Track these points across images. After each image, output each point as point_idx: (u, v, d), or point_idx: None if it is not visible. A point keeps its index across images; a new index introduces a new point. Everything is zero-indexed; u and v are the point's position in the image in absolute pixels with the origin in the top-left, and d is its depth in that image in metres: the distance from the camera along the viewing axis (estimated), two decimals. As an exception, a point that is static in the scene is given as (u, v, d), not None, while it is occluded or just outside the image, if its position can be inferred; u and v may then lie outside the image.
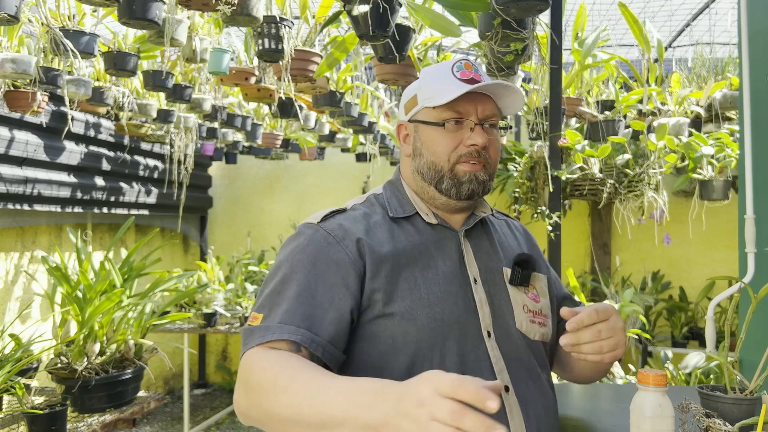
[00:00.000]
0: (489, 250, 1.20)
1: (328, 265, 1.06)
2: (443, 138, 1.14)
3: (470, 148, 1.13)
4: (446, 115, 1.14)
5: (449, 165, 1.14)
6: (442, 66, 1.16)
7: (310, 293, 1.03)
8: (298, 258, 1.08)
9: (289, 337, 0.97)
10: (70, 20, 2.44)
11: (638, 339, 3.96)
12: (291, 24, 2.36)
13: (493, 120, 1.16)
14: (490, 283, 1.15)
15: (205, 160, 5.70)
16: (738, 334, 1.38)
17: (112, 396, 2.31)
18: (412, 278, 1.08)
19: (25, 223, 3.69)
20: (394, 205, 1.19)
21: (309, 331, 0.99)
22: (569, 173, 3.62)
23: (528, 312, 1.16)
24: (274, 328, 0.99)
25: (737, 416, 1.19)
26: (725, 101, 3.60)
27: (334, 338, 1.02)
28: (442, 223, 1.18)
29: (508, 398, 1.07)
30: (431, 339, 1.05)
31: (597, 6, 3.79)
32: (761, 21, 1.91)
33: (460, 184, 1.14)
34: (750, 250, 1.91)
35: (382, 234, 1.12)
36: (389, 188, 1.24)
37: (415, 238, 1.14)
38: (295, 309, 1.01)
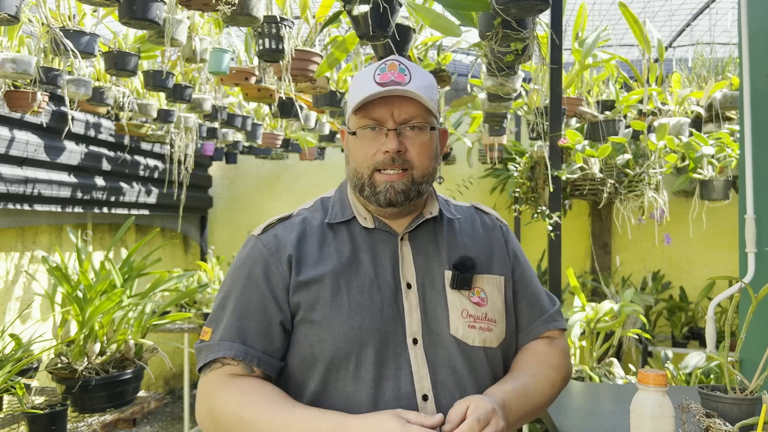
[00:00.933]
0: (432, 252, 1.17)
1: (261, 278, 1.13)
2: (360, 146, 1.14)
3: (385, 155, 1.11)
4: (362, 123, 1.13)
5: (368, 173, 1.13)
6: (368, 68, 1.15)
7: (245, 307, 1.11)
8: (238, 273, 1.16)
9: (225, 354, 1.07)
10: (70, 20, 2.44)
11: (638, 339, 3.96)
12: (291, 24, 2.36)
13: (415, 121, 1.12)
14: (427, 287, 1.14)
15: (205, 160, 5.70)
16: (738, 334, 1.38)
17: (112, 396, 2.31)
18: (336, 286, 1.11)
19: (26, 223, 3.69)
20: (336, 210, 1.21)
21: (243, 345, 1.09)
22: (569, 173, 3.62)
23: (468, 317, 1.13)
24: (214, 346, 1.10)
25: (737, 416, 1.19)
26: (725, 101, 3.60)
27: (267, 348, 1.10)
28: (380, 227, 1.17)
29: (425, 407, 1.06)
30: (346, 347, 1.07)
31: (597, 6, 3.79)
32: (761, 21, 1.91)
33: (377, 193, 1.13)
34: (750, 250, 1.92)
35: (312, 244, 1.15)
36: (338, 191, 1.26)
37: (345, 246, 1.15)
38: (232, 324, 1.11)
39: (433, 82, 1.17)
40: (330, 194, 1.27)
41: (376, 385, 1.06)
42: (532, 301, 1.26)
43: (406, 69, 1.13)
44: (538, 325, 1.25)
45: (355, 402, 1.06)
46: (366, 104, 1.11)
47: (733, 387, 1.26)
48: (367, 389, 1.06)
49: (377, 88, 1.09)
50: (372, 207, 1.17)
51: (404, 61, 1.14)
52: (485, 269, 1.20)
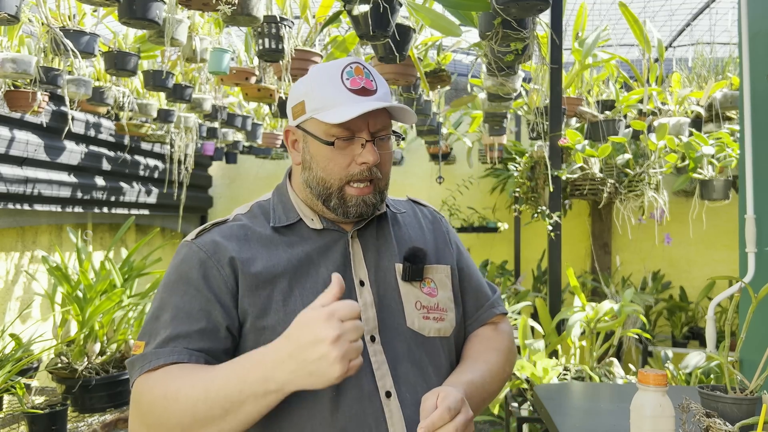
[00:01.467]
0: (382, 247, 1.16)
1: (201, 282, 1.05)
2: (334, 156, 1.08)
3: (362, 167, 1.08)
4: (335, 132, 1.07)
5: (339, 184, 1.09)
6: (330, 69, 1.09)
7: (186, 313, 1.03)
8: (173, 279, 1.08)
9: (166, 361, 0.98)
10: (70, 20, 2.44)
11: (638, 339, 3.96)
12: (291, 24, 2.36)
13: (384, 132, 1.11)
14: (380, 283, 1.12)
15: (205, 160, 5.70)
16: (738, 334, 1.38)
17: (112, 396, 2.31)
18: (288, 290, 1.06)
19: (26, 222, 3.69)
20: (279, 213, 1.15)
21: (186, 349, 1.00)
22: (569, 173, 3.62)
23: (421, 308, 1.13)
24: (150, 355, 1.00)
25: (737, 416, 1.19)
26: (725, 101, 3.60)
27: (212, 351, 1.02)
28: (329, 227, 1.14)
29: (389, 404, 1.04)
30: None
31: (597, 6, 3.79)
32: (761, 21, 1.91)
33: (347, 206, 1.10)
34: (750, 250, 1.92)
35: (257, 248, 1.09)
36: (276, 195, 1.21)
37: (295, 248, 1.10)
38: (171, 332, 1.01)
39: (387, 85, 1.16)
40: (265, 198, 1.21)
41: (335, 387, 1.01)
42: (476, 289, 1.27)
43: (371, 74, 1.11)
44: (484, 311, 1.27)
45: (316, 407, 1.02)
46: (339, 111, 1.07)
47: (733, 387, 1.26)
48: (328, 391, 1.02)
49: (354, 97, 1.06)
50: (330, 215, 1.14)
51: (365, 64, 1.11)
52: (433, 260, 1.20)
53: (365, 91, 1.08)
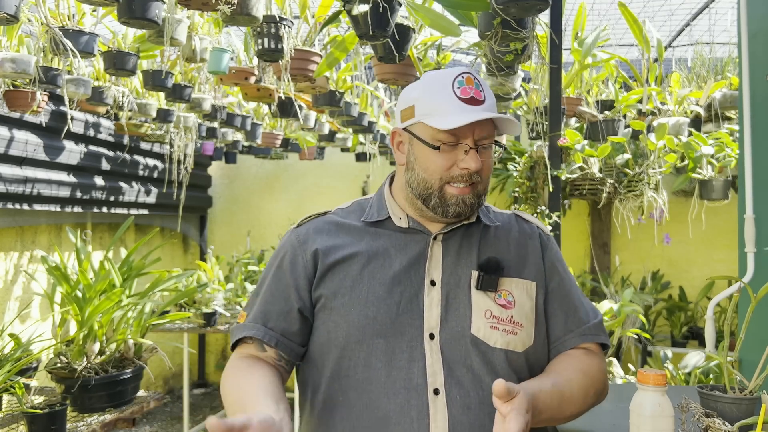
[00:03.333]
0: (463, 253, 1.18)
1: (287, 267, 1.21)
2: (437, 158, 1.14)
3: (463, 171, 1.13)
4: (442, 137, 1.13)
5: (439, 184, 1.15)
6: (442, 78, 1.14)
7: (271, 292, 1.21)
8: (272, 262, 1.25)
9: (248, 333, 1.18)
10: (69, 20, 2.44)
11: (638, 339, 3.96)
12: (291, 23, 2.36)
13: (487, 141, 1.15)
14: (452, 286, 1.15)
15: (204, 160, 5.70)
16: (737, 334, 1.38)
17: (111, 395, 2.31)
18: (359, 277, 1.16)
19: (25, 222, 3.69)
20: (372, 211, 1.25)
21: (264, 327, 1.17)
22: (569, 173, 3.62)
23: (491, 318, 1.13)
24: (242, 327, 1.20)
25: (737, 416, 1.19)
26: (725, 101, 3.60)
27: (286, 331, 1.18)
28: (414, 226, 1.20)
29: (435, 400, 1.07)
30: (359, 335, 1.12)
31: (597, 6, 3.79)
32: (761, 21, 1.91)
33: (446, 205, 1.15)
34: (750, 250, 1.92)
35: (342, 237, 1.21)
36: (377, 195, 1.30)
37: (377, 240, 1.20)
38: (260, 307, 1.20)
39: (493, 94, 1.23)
40: (369, 197, 1.31)
41: (386, 374, 1.09)
42: (568, 311, 1.22)
43: (480, 84, 1.15)
44: (573, 336, 1.21)
45: (368, 388, 1.10)
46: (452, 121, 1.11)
47: (733, 387, 1.26)
48: (378, 377, 1.10)
49: (464, 106, 1.11)
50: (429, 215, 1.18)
51: (476, 75, 1.16)
52: (516, 273, 1.19)
53: (474, 101, 1.12)
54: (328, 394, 1.14)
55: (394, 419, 1.07)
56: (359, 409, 1.10)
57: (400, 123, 1.21)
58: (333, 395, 1.14)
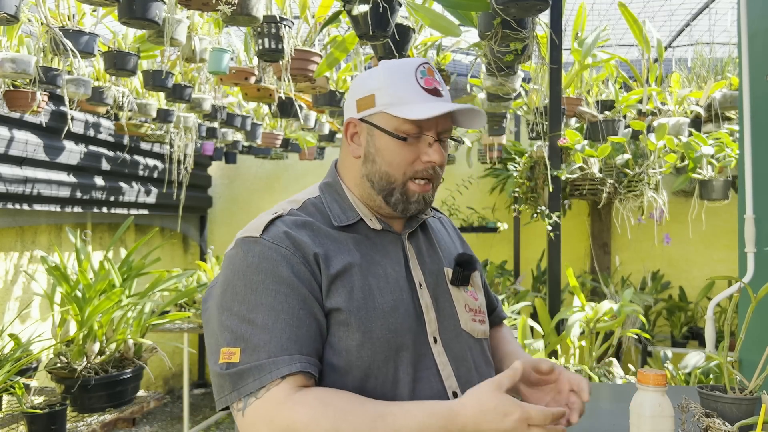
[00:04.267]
0: (430, 251, 1.19)
1: (294, 280, 0.99)
2: (402, 150, 1.08)
3: (426, 165, 1.09)
4: (407, 128, 1.07)
5: (403, 179, 1.09)
6: (404, 66, 1.09)
7: (288, 314, 0.96)
8: (256, 279, 0.98)
9: (291, 370, 0.92)
10: (69, 20, 2.44)
11: (638, 339, 3.96)
12: (291, 24, 2.36)
13: (447, 135, 1.13)
14: (434, 285, 1.14)
15: (204, 160, 5.70)
16: (737, 334, 1.38)
17: (111, 395, 2.31)
18: (367, 288, 1.04)
19: (25, 222, 3.69)
20: (336, 212, 1.11)
21: (302, 355, 0.94)
22: (569, 173, 3.62)
23: (469, 311, 1.16)
24: (267, 365, 0.92)
25: (737, 416, 1.19)
26: (725, 101, 3.60)
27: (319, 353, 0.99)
28: (386, 228, 1.13)
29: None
30: (385, 351, 1.01)
31: (597, 6, 3.79)
32: (761, 21, 1.91)
33: (408, 203, 1.10)
34: (750, 250, 1.92)
35: (329, 245, 1.05)
36: (328, 192, 1.15)
37: (360, 247, 1.09)
38: (280, 335, 0.94)
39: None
40: (311, 196, 1.15)
41: (411, 388, 1.03)
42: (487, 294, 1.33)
43: (437, 75, 1.14)
44: (496, 316, 1.36)
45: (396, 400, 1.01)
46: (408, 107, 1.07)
47: (733, 387, 1.26)
48: (406, 391, 1.02)
49: (429, 97, 1.08)
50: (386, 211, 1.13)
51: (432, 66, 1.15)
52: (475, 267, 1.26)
53: (437, 92, 1.09)
54: None
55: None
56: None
57: (356, 113, 1.12)
58: None
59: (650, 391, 1.10)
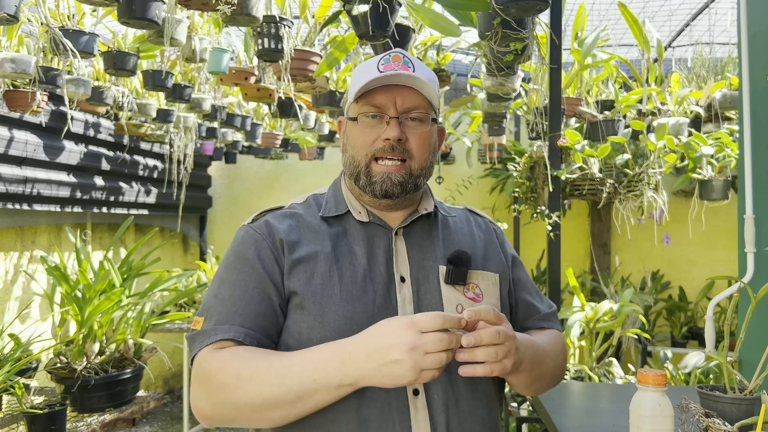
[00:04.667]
0: (427, 247, 1.17)
1: (256, 261, 1.10)
2: (360, 132, 1.13)
3: (385, 143, 1.10)
4: (363, 110, 1.12)
5: (366, 160, 1.12)
6: (371, 60, 1.14)
7: (243, 290, 1.08)
8: (231, 260, 1.13)
9: (224, 336, 1.03)
10: (69, 20, 2.44)
11: (638, 339, 3.96)
12: (291, 24, 2.36)
13: (416, 112, 1.12)
14: (421, 282, 1.13)
15: (204, 160, 5.70)
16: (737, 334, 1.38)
17: (111, 395, 2.31)
18: (328, 275, 1.09)
19: (25, 222, 3.69)
20: (330, 205, 1.19)
21: (242, 327, 1.04)
22: (569, 173, 3.62)
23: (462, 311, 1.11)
24: (210, 331, 1.05)
25: (737, 416, 1.19)
26: (725, 101, 3.60)
27: (267, 331, 1.07)
28: (375, 221, 1.16)
29: (415, 401, 1.05)
30: (335, 335, 1.03)
31: (597, 6, 3.79)
32: (761, 21, 1.91)
33: (372, 183, 1.12)
34: (749, 250, 1.92)
35: (305, 234, 1.14)
36: (332, 187, 1.25)
37: (340, 238, 1.14)
38: (229, 308, 1.07)
39: (435, 78, 1.17)
40: (323, 191, 1.25)
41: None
42: (528, 302, 1.26)
43: (410, 62, 1.13)
44: (532, 323, 1.25)
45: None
46: (368, 92, 1.11)
47: (732, 387, 1.26)
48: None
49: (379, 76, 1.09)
50: (367, 199, 1.16)
51: (408, 55, 1.14)
52: (481, 266, 1.19)
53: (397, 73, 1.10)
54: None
55: (375, 424, 1.03)
56: (336, 414, 1.03)
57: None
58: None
59: (650, 391, 1.10)
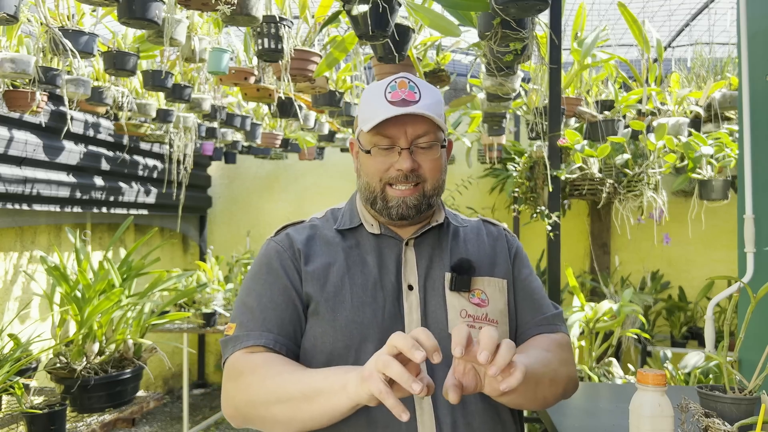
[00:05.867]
0: (435, 257, 1.22)
1: (280, 271, 1.19)
2: (374, 161, 1.18)
3: (398, 173, 1.16)
4: (375, 140, 1.17)
5: (380, 186, 1.18)
6: (378, 86, 1.18)
7: (269, 299, 1.16)
8: (256, 270, 1.23)
9: (256, 342, 1.12)
10: (69, 20, 2.43)
11: (637, 339, 3.96)
12: (290, 24, 2.36)
13: (425, 139, 1.16)
14: (428, 289, 1.18)
15: (204, 160, 5.70)
16: (737, 334, 1.38)
17: (111, 396, 2.31)
18: (340, 283, 1.17)
19: (24, 222, 3.69)
20: (345, 218, 1.27)
21: (272, 333, 1.13)
22: (568, 173, 3.62)
23: (467, 317, 1.15)
24: (243, 337, 1.14)
25: (736, 416, 1.19)
26: (724, 101, 3.60)
27: (294, 335, 1.16)
28: (386, 233, 1.23)
29: (421, 402, 1.08)
30: (346, 340, 1.12)
31: (596, 6, 3.80)
32: (761, 21, 1.91)
33: (389, 208, 1.18)
34: (749, 250, 1.92)
35: (319, 246, 1.22)
36: (349, 201, 1.32)
37: (353, 249, 1.22)
38: (258, 316, 1.15)
39: (440, 97, 1.20)
40: (341, 206, 1.32)
41: None
42: (532, 305, 1.26)
43: (416, 86, 1.16)
44: (535, 325, 1.24)
45: None
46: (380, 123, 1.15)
47: (732, 387, 1.26)
48: None
49: (389, 107, 1.13)
50: (383, 219, 1.22)
51: (413, 79, 1.18)
52: (487, 272, 1.22)
53: (405, 102, 1.14)
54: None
55: (382, 423, 1.07)
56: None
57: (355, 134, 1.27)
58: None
59: (650, 391, 1.10)
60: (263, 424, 1.07)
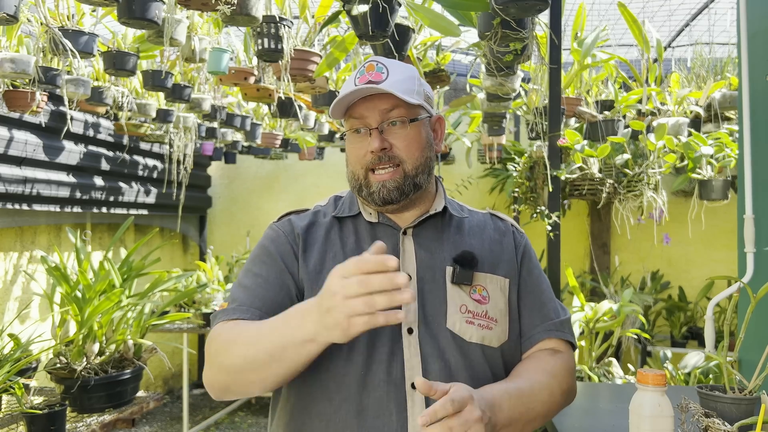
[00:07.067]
0: (435, 247, 1.19)
1: (276, 255, 1.19)
2: (352, 147, 1.19)
3: (372, 155, 1.15)
4: (348, 125, 1.18)
5: (363, 173, 1.17)
6: (352, 75, 1.19)
7: (264, 279, 1.16)
8: (256, 253, 1.23)
9: (241, 316, 1.11)
10: (69, 20, 2.43)
11: (637, 339, 3.96)
12: (290, 24, 2.36)
13: (393, 114, 1.14)
14: (426, 280, 1.15)
15: (204, 160, 5.70)
16: (737, 334, 1.38)
17: (111, 396, 2.31)
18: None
19: (24, 222, 3.69)
20: (345, 206, 1.26)
21: (259, 310, 1.11)
22: (568, 173, 3.62)
23: (466, 312, 1.13)
24: (230, 311, 1.14)
25: (736, 416, 1.19)
26: (724, 101, 3.61)
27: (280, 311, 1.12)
28: (384, 221, 1.21)
29: (413, 395, 1.07)
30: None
31: (596, 6, 3.80)
32: (761, 21, 1.91)
33: (372, 194, 1.17)
34: (749, 250, 1.92)
35: (319, 232, 1.22)
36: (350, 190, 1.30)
37: (350, 237, 1.21)
38: (251, 293, 1.15)
39: (413, 73, 1.19)
40: (343, 193, 1.31)
41: (366, 367, 1.09)
42: (537, 306, 1.23)
43: (384, 67, 1.15)
44: (539, 331, 1.21)
45: (345, 382, 1.09)
46: (351, 107, 1.16)
47: (732, 387, 1.26)
48: (357, 370, 1.08)
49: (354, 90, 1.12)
50: (373, 207, 1.20)
51: (382, 60, 1.17)
52: (490, 269, 1.19)
53: (370, 83, 1.13)
54: (305, 388, 1.12)
55: (373, 413, 1.07)
56: (338, 402, 1.08)
57: None
58: (310, 388, 1.11)
59: (650, 391, 1.10)
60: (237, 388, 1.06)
